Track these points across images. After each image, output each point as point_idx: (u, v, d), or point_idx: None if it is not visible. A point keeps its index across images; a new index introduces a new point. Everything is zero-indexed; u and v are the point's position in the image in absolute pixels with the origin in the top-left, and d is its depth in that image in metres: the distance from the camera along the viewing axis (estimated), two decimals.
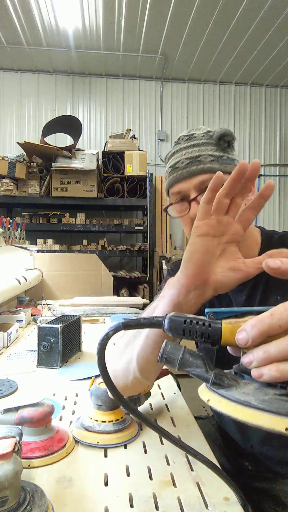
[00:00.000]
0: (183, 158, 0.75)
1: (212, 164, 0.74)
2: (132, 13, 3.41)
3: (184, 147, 0.77)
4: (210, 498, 0.60)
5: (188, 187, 0.76)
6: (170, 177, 0.78)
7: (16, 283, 1.95)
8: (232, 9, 3.34)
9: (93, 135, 4.67)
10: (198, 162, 0.74)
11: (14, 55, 4.16)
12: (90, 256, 2.82)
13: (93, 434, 0.75)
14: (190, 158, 0.75)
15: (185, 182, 0.75)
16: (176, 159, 0.77)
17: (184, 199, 0.77)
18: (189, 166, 0.75)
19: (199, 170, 0.74)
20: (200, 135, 0.77)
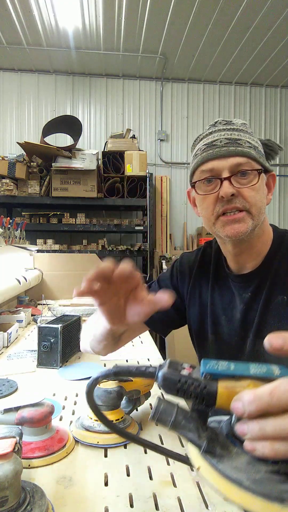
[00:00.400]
0: (222, 137, 0.76)
1: (250, 150, 0.75)
2: (132, 13, 3.41)
3: (223, 128, 0.77)
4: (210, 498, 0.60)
5: (223, 166, 0.75)
6: (204, 154, 0.77)
7: (16, 283, 1.95)
8: (232, 9, 3.34)
9: (93, 135, 4.67)
10: (237, 144, 0.75)
11: (14, 55, 4.16)
12: (90, 256, 2.82)
13: (93, 434, 0.75)
14: (230, 139, 0.75)
15: (221, 160, 0.75)
16: (214, 138, 0.77)
17: (213, 177, 0.76)
18: (228, 146, 0.75)
19: (238, 152, 0.74)
20: (238, 123, 0.79)
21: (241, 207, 0.74)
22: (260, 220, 0.77)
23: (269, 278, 0.80)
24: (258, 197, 0.75)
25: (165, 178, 4.63)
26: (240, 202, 0.74)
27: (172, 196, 4.75)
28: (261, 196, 0.76)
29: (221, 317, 0.87)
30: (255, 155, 0.75)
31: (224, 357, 0.87)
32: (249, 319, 0.82)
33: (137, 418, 0.87)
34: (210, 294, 0.90)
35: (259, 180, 0.75)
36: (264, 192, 0.78)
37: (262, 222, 0.79)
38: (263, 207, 0.77)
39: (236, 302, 0.85)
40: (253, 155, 0.75)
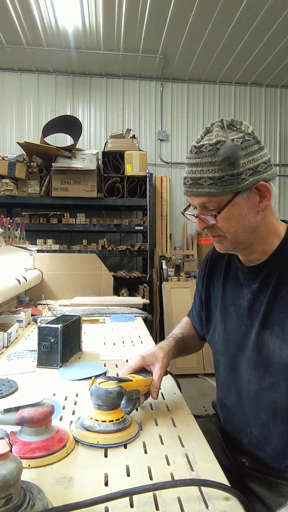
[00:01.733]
0: (188, 177, 0.81)
1: (210, 188, 0.78)
2: (132, 13, 3.41)
3: (191, 163, 0.81)
4: (210, 498, 0.60)
5: (193, 202, 0.84)
6: (183, 188, 0.85)
7: (16, 283, 1.95)
8: (232, 9, 3.34)
9: (93, 135, 4.67)
10: (198, 185, 0.79)
11: (14, 55, 4.16)
12: (90, 256, 2.82)
13: (93, 434, 0.75)
14: (193, 178, 0.80)
15: (191, 198, 0.84)
16: (185, 173, 0.83)
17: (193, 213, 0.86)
18: (192, 187, 0.81)
19: (198, 193, 0.80)
20: (207, 148, 0.78)
21: (216, 234, 0.85)
22: (242, 238, 0.83)
23: (277, 271, 0.83)
24: (231, 223, 0.81)
25: (165, 178, 4.63)
26: (215, 231, 0.84)
27: (172, 196, 4.75)
28: (235, 221, 0.81)
29: (231, 307, 0.93)
30: (215, 193, 0.78)
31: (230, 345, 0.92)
32: (255, 308, 0.86)
33: (137, 418, 0.87)
34: (222, 286, 0.98)
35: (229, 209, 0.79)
36: (242, 213, 0.80)
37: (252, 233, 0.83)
38: (241, 227, 0.81)
39: (244, 292, 0.90)
40: (213, 193, 0.78)
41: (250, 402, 0.87)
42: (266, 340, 0.82)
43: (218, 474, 0.67)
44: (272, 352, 0.80)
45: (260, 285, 0.86)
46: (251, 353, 0.85)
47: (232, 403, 0.94)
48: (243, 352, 0.88)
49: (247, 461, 0.92)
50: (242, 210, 0.80)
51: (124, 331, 1.78)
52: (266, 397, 0.83)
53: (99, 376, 1.15)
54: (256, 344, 0.84)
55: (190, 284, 4.04)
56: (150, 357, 0.94)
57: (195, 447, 0.76)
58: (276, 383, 0.80)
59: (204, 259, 1.10)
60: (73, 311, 2.04)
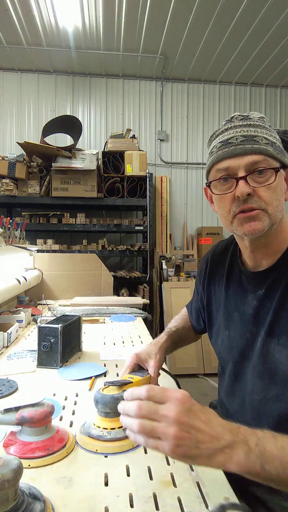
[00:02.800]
0: (238, 135, 0.74)
1: (267, 147, 0.73)
2: (132, 13, 3.41)
3: (239, 125, 0.75)
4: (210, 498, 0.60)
5: (238, 165, 0.74)
6: (219, 152, 0.76)
7: (16, 283, 1.95)
8: (232, 9, 3.34)
9: (93, 135, 4.67)
10: (254, 141, 0.73)
11: (14, 55, 4.16)
12: (90, 256, 2.82)
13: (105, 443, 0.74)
14: (246, 136, 0.73)
15: (237, 159, 0.73)
16: (230, 135, 0.75)
17: (229, 176, 0.75)
18: (244, 144, 0.73)
19: (254, 150, 0.72)
20: (255, 117, 0.77)
21: (257, 206, 0.74)
22: (278, 218, 0.76)
23: (285, 277, 0.78)
24: (274, 195, 0.74)
25: (165, 178, 4.63)
26: (256, 202, 0.74)
27: (172, 196, 4.75)
28: (278, 195, 0.75)
29: (234, 313, 0.88)
30: (272, 152, 0.73)
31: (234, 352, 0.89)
32: (261, 316, 0.81)
33: None
34: (224, 291, 0.92)
35: (277, 178, 0.74)
36: (282, 189, 0.76)
37: (280, 220, 0.77)
38: (280, 204, 0.75)
39: (249, 298, 0.85)
40: (270, 152, 0.73)
41: (253, 411, 0.83)
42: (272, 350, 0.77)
43: (218, 474, 0.67)
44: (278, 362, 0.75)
45: (267, 292, 0.81)
46: (256, 362, 0.81)
47: (235, 410, 0.91)
48: (248, 360, 0.84)
49: None
50: (282, 186, 0.77)
51: (124, 331, 1.78)
52: (270, 407, 0.79)
53: (99, 376, 1.15)
54: (262, 352, 0.79)
55: (190, 284, 4.04)
56: (144, 354, 0.92)
57: None
58: (281, 394, 0.76)
59: (203, 260, 1.05)
60: (73, 311, 2.04)
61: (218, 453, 0.52)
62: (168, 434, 0.52)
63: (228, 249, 0.97)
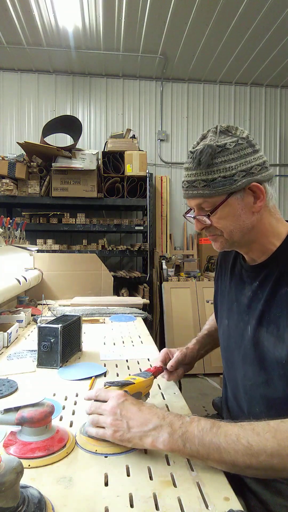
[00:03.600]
0: (185, 180, 0.86)
1: (204, 190, 0.83)
2: (132, 13, 3.41)
3: (187, 167, 0.86)
4: (210, 498, 0.60)
5: (191, 205, 0.89)
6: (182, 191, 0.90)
7: (16, 283, 1.95)
8: (232, 9, 3.34)
9: (93, 135, 4.67)
10: (193, 187, 0.84)
11: (14, 55, 4.16)
12: (90, 256, 2.82)
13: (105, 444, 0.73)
14: (189, 182, 0.85)
15: (189, 201, 0.89)
16: (183, 177, 0.88)
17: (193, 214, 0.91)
18: (188, 190, 0.86)
19: (193, 195, 0.85)
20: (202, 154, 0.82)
21: (214, 233, 0.89)
22: (238, 236, 0.87)
23: (277, 271, 0.85)
24: (225, 223, 0.85)
25: (165, 178, 4.63)
26: (212, 230, 0.89)
27: (172, 196, 4.75)
28: (229, 221, 0.85)
29: (234, 303, 0.97)
30: (209, 194, 0.82)
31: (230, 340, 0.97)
32: (253, 306, 0.89)
33: None
34: (228, 283, 1.02)
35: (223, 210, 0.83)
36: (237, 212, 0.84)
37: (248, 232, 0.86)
38: (237, 226, 0.85)
39: (246, 290, 0.93)
40: (207, 194, 0.83)
41: (246, 395, 0.90)
42: (262, 337, 0.84)
43: (218, 474, 0.67)
44: (266, 350, 0.82)
45: (260, 284, 0.89)
46: (248, 349, 0.88)
47: (231, 396, 0.99)
48: (241, 347, 0.91)
49: None
50: (236, 211, 0.84)
51: (124, 331, 1.78)
52: (260, 392, 0.85)
53: (99, 376, 1.15)
54: (253, 340, 0.86)
55: (190, 284, 4.04)
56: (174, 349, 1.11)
57: None
58: (270, 379, 0.82)
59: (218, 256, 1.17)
60: (73, 311, 2.04)
61: (147, 435, 0.67)
62: (107, 423, 0.70)
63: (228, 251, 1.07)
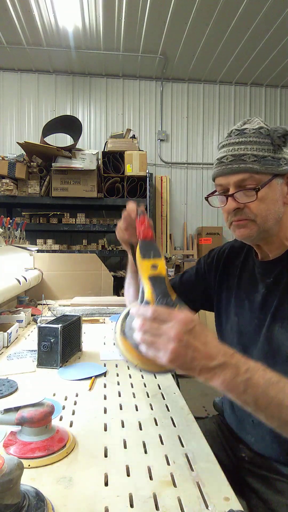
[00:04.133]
0: (229, 154, 0.81)
1: (253, 164, 0.79)
2: (132, 13, 3.41)
3: (232, 142, 0.82)
4: (210, 498, 0.60)
5: (228, 182, 0.82)
6: (215, 170, 0.85)
7: (16, 283, 1.95)
8: (232, 9, 3.34)
9: (93, 135, 4.67)
10: (241, 161, 0.80)
11: (14, 55, 4.16)
12: (90, 256, 2.82)
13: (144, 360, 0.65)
14: (235, 155, 0.80)
15: (227, 177, 0.82)
16: (223, 153, 0.83)
17: (222, 193, 0.85)
18: (232, 164, 0.81)
19: (240, 169, 0.80)
20: (251, 131, 0.81)
21: (246, 218, 0.83)
22: (268, 225, 0.83)
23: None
24: (264, 206, 0.81)
25: (165, 178, 4.63)
26: (245, 214, 0.82)
27: (172, 196, 4.75)
28: (267, 204, 0.81)
29: (245, 300, 0.95)
30: (258, 169, 0.79)
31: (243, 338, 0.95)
32: (269, 302, 0.88)
33: (137, 418, 0.87)
34: (236, 281, 0.99)
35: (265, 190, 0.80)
36: (275, 197, 0.82)
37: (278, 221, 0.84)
38: (271, 213, 0.82)
39: (259, 287, 0.91)
40: (256, 170, 0.79)
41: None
42: (276, 332, 0.84)
43: (218, 474, 0.67)
44: (281, 344, 0.82)
45: (274, 280, 0.87)
46: (262, 345, 0.87)
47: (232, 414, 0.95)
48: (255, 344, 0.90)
49: (246, 455, 0.92)
50: (275, 195, 0.83)
51: None
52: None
53: (99, 376, 1.15)
54: (267, 336, 0.85)
55: None
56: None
57: (195, 447, 0.76)
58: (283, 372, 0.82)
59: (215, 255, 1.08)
60: (73, 311, 2.04)
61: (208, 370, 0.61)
62: (168, 349, 0.59)
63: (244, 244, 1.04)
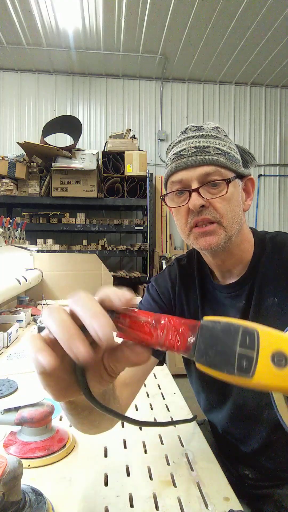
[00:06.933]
0: (190, 146, 0.72)
1: (219, 157, 0.71)
2: (132, 13, 3.41)
3: (192, 136, 0.74)
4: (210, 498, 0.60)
5: (191, 176, 0.72)
6: (173, 164, 0.74)
7: (16, 283, 1.95)
8: (232, 9, 3.34)
9: (93, 135, 4.67)
10: (205, 152, 0.71)
11: (14, 55, 4.16)
12: (90, 256, 2.82)
13: None
14: (198, 147, 0.72)
15: (189, 171, 0.72)
16: (182, 147, 0.74)
17: (183, 189, 0.73)
18: (196, 155, 0.71)
19: (205, 161, 0.71)
20: (209, 128, 0.75)
21: (212, 218, 0.72)
22: (235, 230, 0.74)
23: (257, 282, 0.76)
24: (229, 207, 0.72)
25: None
26: (210, 213, 0.72)
27: None
28: (233, 205, 0.73)
29: None
30: (224, 163, 0.71)
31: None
32: None
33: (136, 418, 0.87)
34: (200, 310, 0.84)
35: (230, 189, 0.72)
36: (238, 200, 0.75)
37: (239, 230, 0.76)
38: (236, 216, 0.73)
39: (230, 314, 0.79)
40: (223, 163, 0.71)
41: (249, 420, 0.80)
42: None
43: (218, 474, 0.67)
44: None
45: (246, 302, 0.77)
46: None
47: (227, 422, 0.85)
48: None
49: (250, 472, 0.85)
50: (238, 197, 0.75)
51: None
52: (267, 414, 0.77)
53: None
54: None
55: None
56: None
57: (195, 447, 0.76)
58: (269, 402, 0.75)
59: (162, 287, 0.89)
60: None
61: None
62: None
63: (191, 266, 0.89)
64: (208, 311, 0.82)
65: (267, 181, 4.90)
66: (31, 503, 0.53)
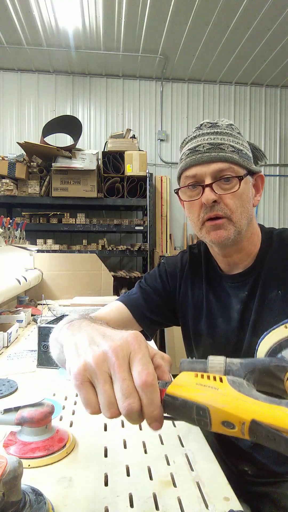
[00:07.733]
0: (205, 142, 0.75)
1: (233, 154, 0.74)
2: (132, 13, 3.41)
3: (207, 132, 0.77)
4: (210, 498, 0.60)
5: (205, 172, 0.75)
6: (187, 159, 0.77)
7: (16, 283, 1.95)
8: (232, 9, 3.34)
9: (93, 135, 4.67)
10: (220, 149, 0.74)
11: (14, 55, 4.16)
12: (90, 256, 2.82)
13: None
14: (212, 144, 0.75)
15: (203, 167, 0.75)
16: (197, 143, 0.76)
17: (197, 183, 0.77)
18: (210, 152, 0.74)
19: (220, 157, 0.74)
20: (224, 125, 0.78)
21: (222, 214, 0.75)
22: (243, 225, 0.77)
23: (262, 275, 0.80)
24: (240, 203, 0.76)
25: (165, 178, 4.63)
26: (221, 209, 0.75)
27: (172, 196, 4.75)
28: (243, 201, 0.76)
29: (218, 319, 0.87)
30: (237, 160, 0.75)
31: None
32: (246, 318, 0.81)
33: None
34: (205, 296, 0.88)
35: (242, 185, 0.75)
36: (249, 196, 0.78)
37: (248, 225, 0.79)
38: (245, 211, 0.77)
39: (233, 303, 0.84)
40: (236, 160, 0.74)
41: None
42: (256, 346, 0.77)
43: (218, 474, 0.67)
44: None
45: (249, 293, 0.81)
46: None
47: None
48: None
49: (249, 469, 0.87)
50: (249, 193, 0.78)
51: None
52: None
53: None
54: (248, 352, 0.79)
55: None
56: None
57: (195, 447, 0.76)
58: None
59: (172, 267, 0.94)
60: (73, 311, 2.04)
61: None
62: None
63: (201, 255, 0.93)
64: (212, 299, 0.86)
65: (267, 181, 4.90)
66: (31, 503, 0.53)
